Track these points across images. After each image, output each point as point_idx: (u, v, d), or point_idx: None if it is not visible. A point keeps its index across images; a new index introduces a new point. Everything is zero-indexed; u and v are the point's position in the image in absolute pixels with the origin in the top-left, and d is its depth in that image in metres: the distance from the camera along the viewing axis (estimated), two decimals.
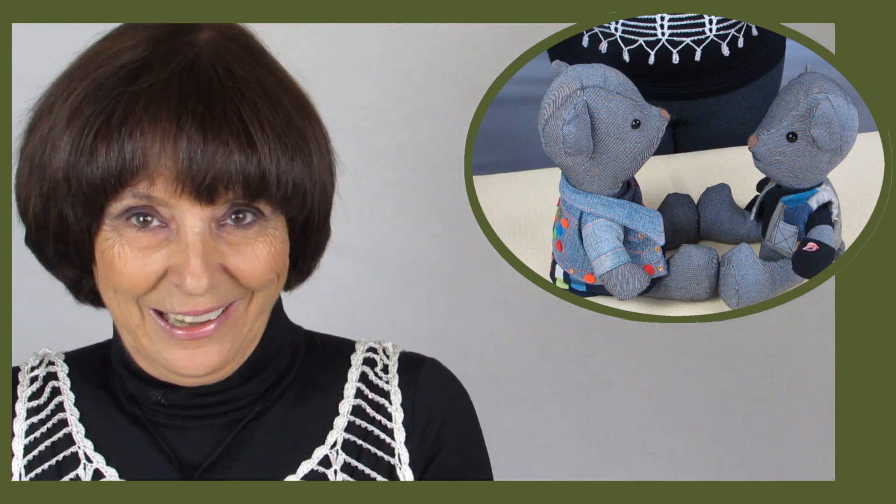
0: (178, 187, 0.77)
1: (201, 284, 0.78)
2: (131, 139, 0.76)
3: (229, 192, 0.78)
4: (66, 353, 0.96)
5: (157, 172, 0.77)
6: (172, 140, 0.76)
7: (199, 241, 0.78)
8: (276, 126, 0.79)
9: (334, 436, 0.91)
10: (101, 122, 0.77)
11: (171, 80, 0.78)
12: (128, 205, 0.78)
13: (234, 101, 0.78)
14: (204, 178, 0.76)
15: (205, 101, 0.77)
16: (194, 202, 0.78)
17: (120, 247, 0.80)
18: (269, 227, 0.82)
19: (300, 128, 0.82)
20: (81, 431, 0.90)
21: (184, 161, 0.76)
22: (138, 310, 0.82)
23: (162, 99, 0.77)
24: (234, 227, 0.81)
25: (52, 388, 0.92)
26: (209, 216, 0.79)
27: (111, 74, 0.79)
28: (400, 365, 0.95)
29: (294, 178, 0.81)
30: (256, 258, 0.81)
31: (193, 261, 0.78)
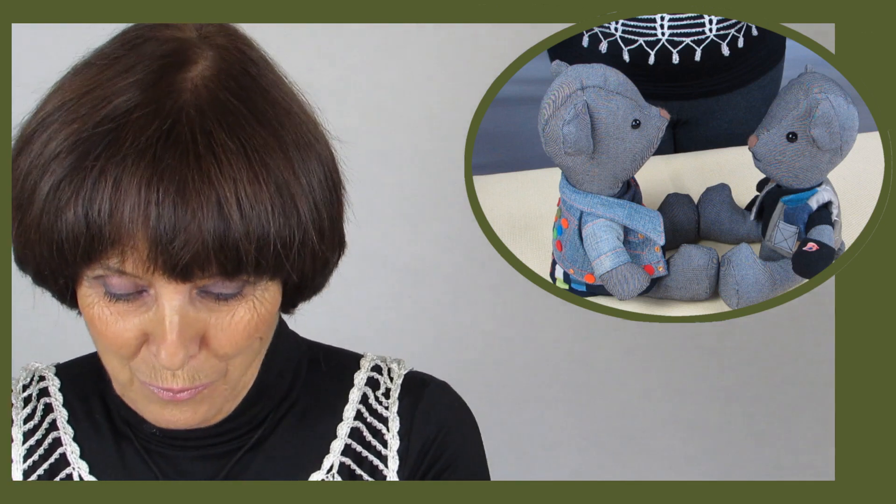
0: (150, 267, 0.73)
1: (176, 361, 0.75)
2: (100, 215, 0.72)
3: (205, 273, 0.74)
4: (56, 365, 0.93)
5: (130, 248, 0.73)
6: (143, 219, 0.72)
7: (177, 315, 0.75)
8: (258, 194, 0.74)
9: (331, 460, 0.89)
10: (73, 192, 0.73)
11: (146, 150, 0.73)
12: (100, 274, 0.75)
13: (209, 177, 0.73)
14: (177, 260, 0.73)
15: (179, 178, 0.72)
16: (170, 280, 0.74)
17: (100, 308, 0.77)
18: (257, 290, 0.78)
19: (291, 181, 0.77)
20: (76, 452, 0.88)
21: (154, 242, 0.72)
22: (129, 372, 0.79)
23: (134, 174, 0.72)
24: (216, 299, 0.77)
25: (45, 406, 0.90)
26: (187, 288, 0.75)
27: (92, 128, 0.74)
28: (402, 389, 0.92)
29: (281, 242, 0.76)
30: (235, 325, 0.78)
31: (169, 337, 0.75)
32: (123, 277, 0.75)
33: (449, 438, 0.91)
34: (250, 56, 0.81)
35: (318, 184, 0.79)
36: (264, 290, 0.79)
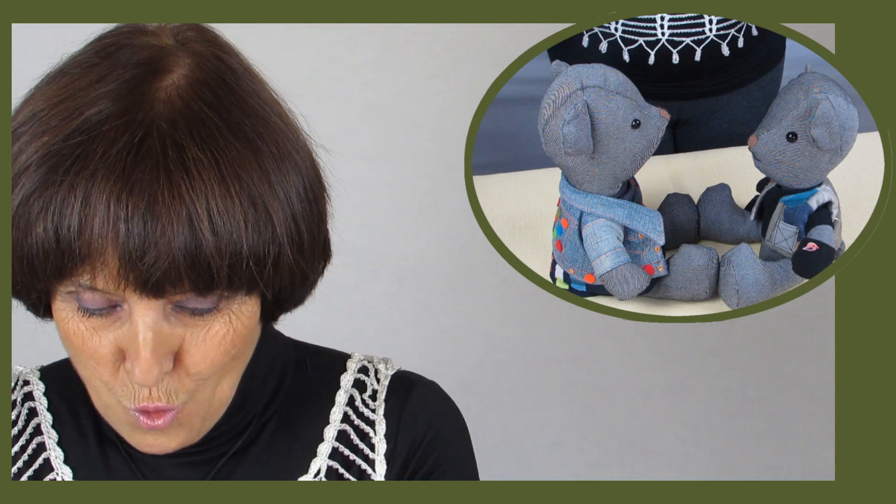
0: (121, 283, 0.72)
1: (150, 377, 0.74)
2: (70, 231, 0.71)
3: (177, 289, 0.73)
4: (41, 367, 0.93)
5: (100, 264, 0.72)
6: (112, 235, 0.71)
7: (151, 331, 0.74)
8: (230, 209, 0.73)
9: (318, 464, 0.88)
10: (42, 206, 0.72)
11: (116, 164, 0.72)
12: (72, 290, 0.74)
13: (180, 192, 0.72)
14: (148, 276, 0.72)
15: (149, 193, 0.71)
16: (143, 297, 0.73)
17: (74, 323, 0.76)
18: (234, 305, 0.77)
19: (266, 194, 0.75)
20: (60, 457, 0.87)
21: (123, 258, 0.71)
22: (109, 394, 0.78)
23: (104, 189, 0.71)
24: (191, 314, 0.76)
25: (29, 410, 0.89)
26: (161, 303, 0.74)
27: (63, 140, 0.73)
28: (389, 391, 0.91)
29: (255, 258, 0.74)
30: (210, 340, 0.76)
31: (143, 353, 0.74)
32: (96, 293, 0.74)
33: (436, 441, 0.90)
34: (228, 63, 0.79)
35: (296, 196, 0.77)
36: (241, 304, 0.77)
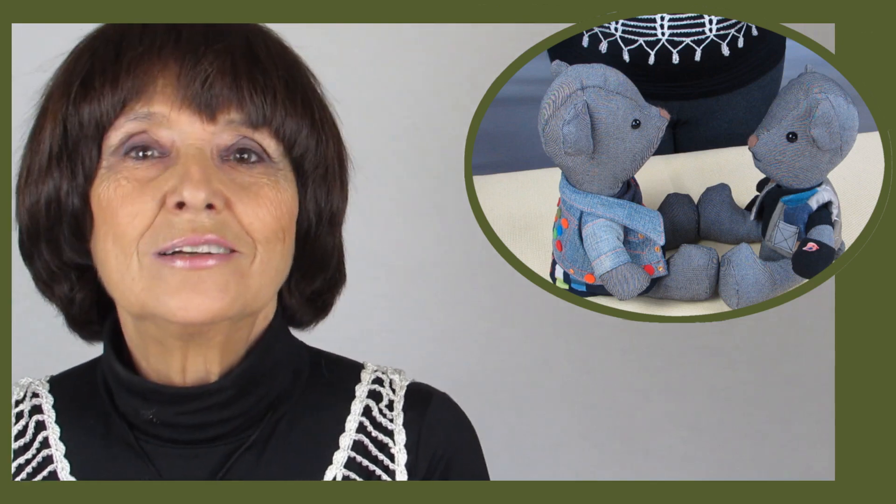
0: (178, 101, 0.73)
1: (200, 195, 0.72)
2: (127, 54, 0.73)
3: (231, 111, 0.74)
4: (50, 377, 0.92)
5: (156, 88, 0.73)
6: (171, 51, 0.73)
7: (200, 155, 0.74)
8: (288, 67, 0.77)
9: (333, 471, 0.86)
10: (98, 48, 0.75)
11: (173, 23, 0.76)
12: (126, 131, 0.75)
13: (239, 30, 0.76)
14: (203, 89, 0.72)
15: (207, 25, 0.75)
16: (194, 118, 0.74)
17: (116, 182, 0.75)
18: (279, 176, 0.78)
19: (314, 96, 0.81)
20: (66, 468, 0.86)
21: (183, 72, 0.73)
22: (136, 258, 0.76)
23: (161, 27, 0.75)
24: (237, 164, 0.76)
25: (37, 423, 0.88)
26: (211, 139, 0.75)
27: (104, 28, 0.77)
28: (406, 401, 0.90)
29: (302, 126, 0.77)
30: (261, 198, 0.76)
31: (193, 169, 0.73)
32: (147, 134, 0.75)
33: (456, 454, 0.90)
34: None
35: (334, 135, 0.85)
36: (284, 178, 0.79)
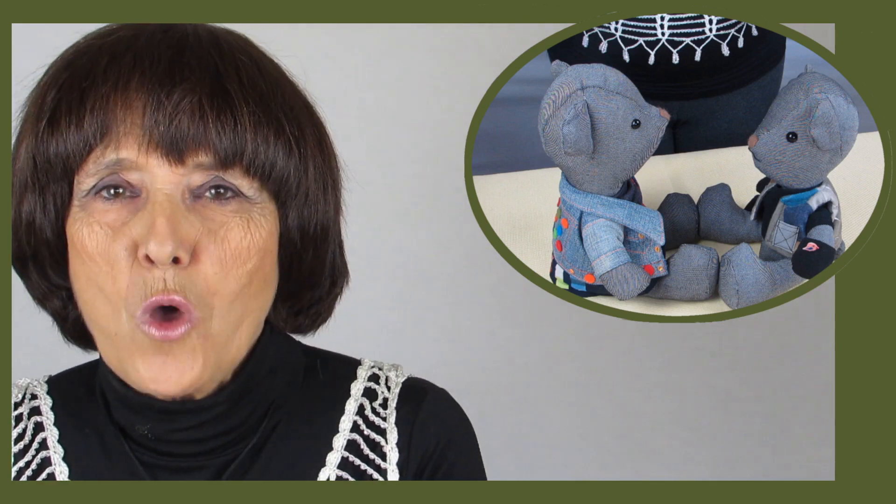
0: (145, 143, 0.71)
1: (165, 250, 0.71)
2: (92, 92, 0.72)
3: (199, 154, 0.72)
4: (49, 378, 0.91)
5: (121, 130, 0.71)
6: (135, 90, 0.71)
7: (167, 201, 0.72)
8: (260, 93, 0.73)
9: (327, 472, 0.86)
10: (65, 79, 0.73)
11: (141, 33, 0.73)
12: (93, 172, 0.73)
13: (211, 56, 0.72)
14: (168, 131, 0.70)
15: (175, 50, 0.72)
16: (162, 161, 0.72)
17: (89, 226, 0.74)
18: (254, 212, 0.75)
19: (291, 113, 0.76)
20: (64, 472, 0.85)
21: (148, 113, 0.70)
22: (125, 316, 0.75)
23: (128, 49, 0.72)
24: (211, 201, 0.74)
25: (35, 424, 0.87)
26: (181, 181, 0.73)
27: (84, 39, 0.75)
28: (400, 399, 0.89)
29: (276, 156, 0.74)
30: (227, 241, 0.74)
31: (158, 221, 0.71)
32: (117, 175, 0.73)
33: (448, 450, 0.89)
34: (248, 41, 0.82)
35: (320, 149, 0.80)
36: (261, 214, 0.76)
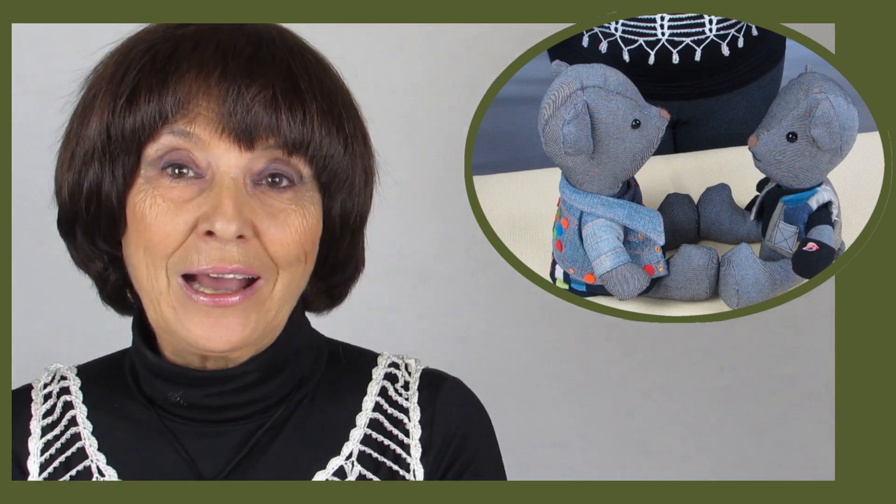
0: (220, 127, 0.76)
1: (230, 229, 0.76)
2: (175, 76, 0.76)
3: (269, 139, 0.77)
4: (77, 366, 0.95)
5: (199, 111, 0.76)
6: (217, 80, 0.76)
7: (234, 185, 0.77)
8: (326, 91, 0.80)
9: (350, 447, 0.89)
10: (146, 61, 0.77)
11: (219, 28, 0.78)
12: (165, 144, 0.77)
13: (284, 54, 0.78)
14: (245, 119, 0.75)
15: (254, 47, 0.77)
16: (233, 145, 0.77)
17: (152, 199, 0.78)
18: (305, 200, 0.81)
19: (348, 112, 0.83)
20: (94, 444, 0.88)
21: (227, 101, 0.75)
22: (165, 276, 0.80)
23: (210, 41, 0.77)
24: (268, 189, 0.80)
25: (65, 403, 0.91)
26: (246, 165, 0.78)
27: (158, 27, 0.79)
28: (421, 382, 0.94)
29: (335, 149, 0.80)
30: (287, 226, 0.80)
31: (226, 202, 0.77)
32: (184, 151, 0.77)
33: (469, 436, 0.93)
34: None
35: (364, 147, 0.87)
36: (311, 202, 0.82)
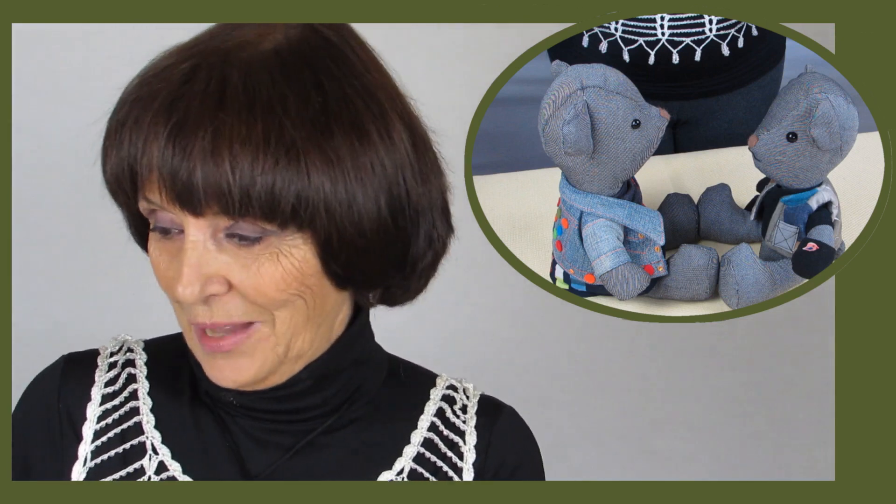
0: (166, 197, 0.76)
1: (187, 293, 0.77)
2: (130, 145, 0.77)
3: (214, 207, 0.76)
4: (145, 340, 0.95)
5: (151, 180, 0.77)
6: (155, 149, 0.76)
7: (192, 249, 0.77)
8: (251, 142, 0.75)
9: (402, 463, 0.89)
10: (111, 127, 0.79)
11: (163, 88, 0.76)
12: (145, 208, 0.80)
13: (217, 112, 0.75)
14: (181, 189, 0.75)
15: (184, 111, 0.75)
16: (185, 210, 0.77)
17: (158, 252, 0.81)
18: (283, 245, 0.79)
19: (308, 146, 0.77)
20: (151, 422, 0.89)
21: (162, 171, 0.75)
22: (184, 317, 0.82)
23: (149, 106, 0.76)
24: (239, 242, 0.78)
25: (128, 375, 0.91)
26: (209, 226, 0.77)
27: (132, 82, 0.80)
28: (479, 407, 0.94)
29: (306, 191, 0.76)
30: (260, 276, 0.79)
31: (184, 269, 0.78)
32: (163, 212, 0.79)
33: (522, 468, 0.93)
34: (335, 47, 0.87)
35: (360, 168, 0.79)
36: (291, 245, 0.79)
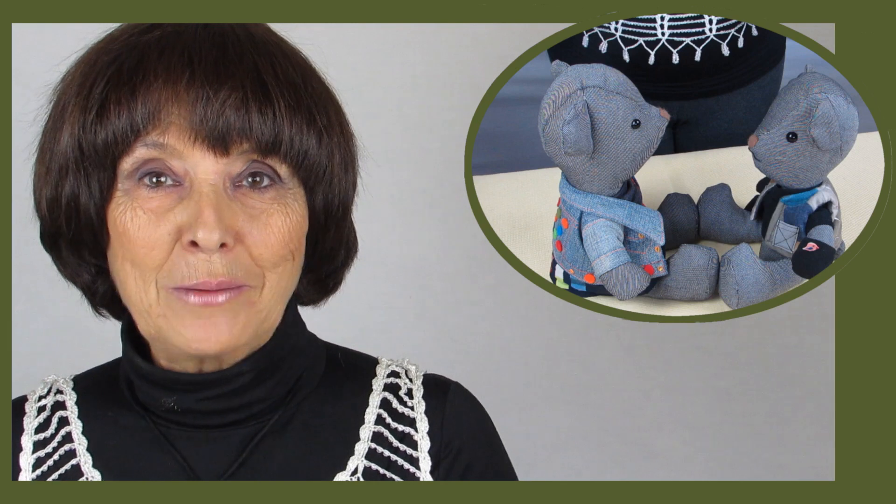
0: (192, 135, 0.75)
1: (213, 238, 0.75)
2: (143, 86, 0.75)
3: (243, 143, 0.76)
4: (74, 377, 0.92)
5: (170, 121, 0.75)
6: (185, 87, 0.75)
7: (213, 192, 0.76)
8: (294, 86, 0.78)
9: (355, 462, 0.87)
10: (112, 73, 0.76)
11: (184, 31, 0.77)
12: (140, 157, 0.76)
13: (250, 53, 0.77)
14: (217, 125, 0.74)
15: (219, 48, 0.76)
16: (208, 152, 0.76)
17: (132, 211, 0.77)
18: (288, 198, 0.80)
19: (319, 103, 0.81)
20: (89, 461, 0.86)
21: (198, 108, 0.74)
22: (155, 288, 0.78)
23: (175, 46, 0.76)
24: (250, 190, 0.78)
25: (60, 419, 0.88)
26: (224, 170, 0.77)
27: (121, 33, 0.78)
28: (426, 390, 0.91)
29: (309, 144, 0.79)
30: (270, 227, 0.79)
31: (206, 210, 0.75)
32: (160, 161, 0.76)
33: (480, 442, 0.92)
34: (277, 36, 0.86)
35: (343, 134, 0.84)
36: (294, 199, 0.80)
